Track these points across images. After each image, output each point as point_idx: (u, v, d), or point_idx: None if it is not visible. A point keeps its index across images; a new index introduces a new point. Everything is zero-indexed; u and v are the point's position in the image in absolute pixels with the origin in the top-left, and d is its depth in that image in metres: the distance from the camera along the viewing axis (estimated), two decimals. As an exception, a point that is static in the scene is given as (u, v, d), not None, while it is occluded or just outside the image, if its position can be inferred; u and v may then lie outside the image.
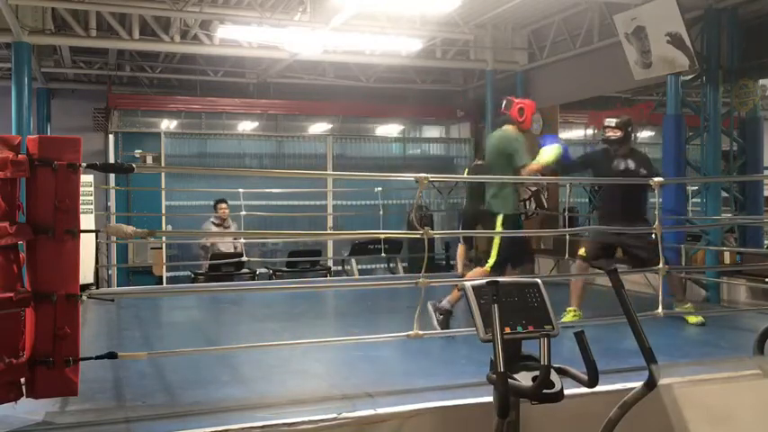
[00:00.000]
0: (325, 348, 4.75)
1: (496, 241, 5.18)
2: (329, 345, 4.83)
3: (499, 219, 5.28)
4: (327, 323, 6.63)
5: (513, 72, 11.23)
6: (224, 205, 9.82)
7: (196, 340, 5.45)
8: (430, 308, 5.13)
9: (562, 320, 5.34)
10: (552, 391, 2.70)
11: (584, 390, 2.76)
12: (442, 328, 5.01)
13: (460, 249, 8.58)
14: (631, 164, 5.84)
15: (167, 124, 12.89)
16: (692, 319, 5.78)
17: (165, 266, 11.78)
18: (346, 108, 13.47)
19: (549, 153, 5.28)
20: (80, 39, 9.42)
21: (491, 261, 5.19)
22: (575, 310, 5.77)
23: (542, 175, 5.66)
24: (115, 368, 4.14)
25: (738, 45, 8.00)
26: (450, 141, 14.50)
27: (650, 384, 2.42)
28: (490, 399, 2.88)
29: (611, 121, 5.89)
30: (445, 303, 5.17)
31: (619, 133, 5.81)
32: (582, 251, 5.94)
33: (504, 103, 5.38)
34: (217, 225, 9.76)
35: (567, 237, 8.46)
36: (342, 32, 8.85)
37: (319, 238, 12.70)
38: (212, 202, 10.11)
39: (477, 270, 5.34)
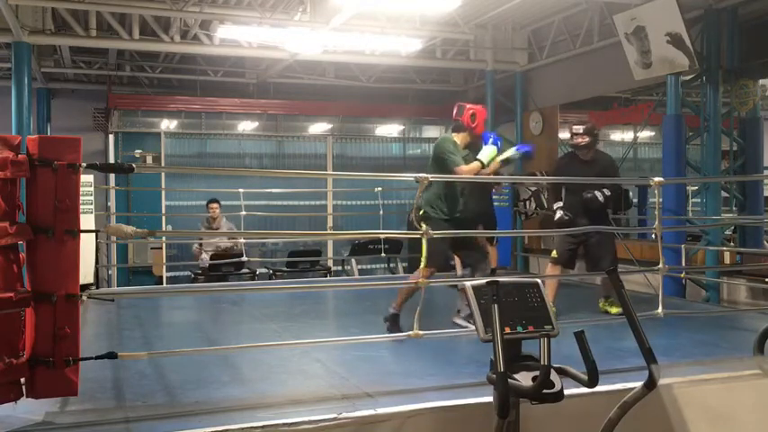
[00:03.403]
0: (325, 348, 4.74)
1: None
2: (329, 345, 4.83)
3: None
4: (327, 323, 6.63)
5: (513, 72, 11.24)
6: (215, 205, 9.65)
7: (196, 340, 5.45)
8: (460, 322, 5.15)
9: None
10: (552, 391, 2.70)
11: (585, 390, 2.76)
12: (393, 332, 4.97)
13: None
14: (591, 171, 6.08)
15: (167, 124, 12.88)
16: (615, 309, 6.03)
17: (165, 266, 11.79)
18: (346, 108, 13.47)
19: (487, 153, 5.25)
20: (80, 39, 9.42)
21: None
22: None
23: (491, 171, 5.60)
24: (115, 368, 4.14)
25: (738, 45, 8.00)
26: (451, 141, 14.48)
27: (650, 384, 2.42)
28: (490, 399, 2.89)
29: (579, 129, 6.16)
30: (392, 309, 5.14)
31: (587, 139, 6.11)
32: (554, 253, 6.20)
33: (456, 109, 5.40)
34: (207, 227, 9.70)
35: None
36: (342, 32, 8.85)
37: (319, 238, 12.71)
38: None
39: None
